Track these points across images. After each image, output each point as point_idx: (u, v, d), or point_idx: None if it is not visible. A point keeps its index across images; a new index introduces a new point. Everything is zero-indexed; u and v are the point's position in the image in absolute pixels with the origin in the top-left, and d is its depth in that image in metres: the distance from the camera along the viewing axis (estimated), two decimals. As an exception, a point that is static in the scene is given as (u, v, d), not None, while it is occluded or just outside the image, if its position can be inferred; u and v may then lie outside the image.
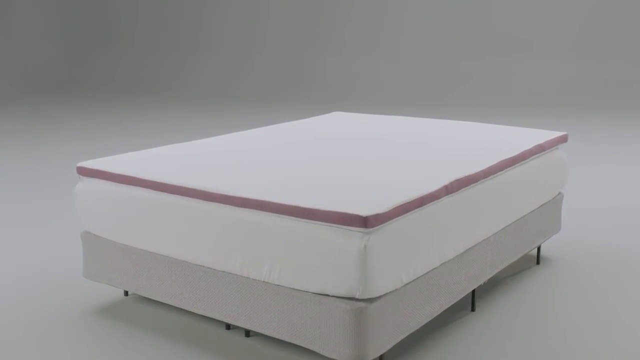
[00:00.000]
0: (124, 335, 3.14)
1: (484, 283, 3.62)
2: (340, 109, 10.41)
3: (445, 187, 2.83)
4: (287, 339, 2.68)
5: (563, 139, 3.82)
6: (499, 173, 3.23)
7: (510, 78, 11.11)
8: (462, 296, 3.05)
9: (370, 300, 2.51)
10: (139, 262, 3.11)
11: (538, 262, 3.92)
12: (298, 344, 2.65)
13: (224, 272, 2.82)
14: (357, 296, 2.47)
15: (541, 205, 3.71)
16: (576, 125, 8.63)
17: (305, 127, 4.16)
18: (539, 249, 3.90)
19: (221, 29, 13.23)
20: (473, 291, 3.28)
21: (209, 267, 2.86)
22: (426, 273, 2.78)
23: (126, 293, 3.55)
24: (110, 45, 14.39)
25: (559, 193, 3.92)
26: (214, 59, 13.19)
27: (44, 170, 6.62)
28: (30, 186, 5.99)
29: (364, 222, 2.41)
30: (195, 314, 3.31)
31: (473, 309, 3.31)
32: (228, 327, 3.15)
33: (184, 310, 3.36)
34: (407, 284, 2.67)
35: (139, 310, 3.39)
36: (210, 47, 13.31)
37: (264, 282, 2.70)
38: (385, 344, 2.59)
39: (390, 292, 2.58)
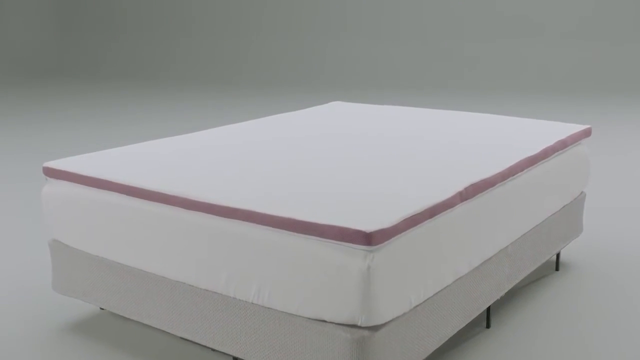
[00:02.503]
0: (98, 355, 2.80)
1: (501, 297, 3.29)
2: (340, 95, 10.03)
3: (460, 193, 2.48)
4: (279, 370, 2.35)
5: (586, 133, 3.47)
6: (518, 174, 2.88)
7: (519, 62, 10.71)
8: (477, 314, 2.71)
9: (374, 328, 2.17)
10: (112, 276, 2.76)
11: (557, 269, 3.58)
12: (291, 375, 2.31)
13: (207, 290, 2.47)
14: (359, 323, 2.14)
15: (562, 207, 3.36)
16: (592, 114, 8.25)
17: (302, 120, 3.80)
18: (558, 254, 3.55)
19: (215, 12, 12.82)
20: (488, 306, 2.93)
21: (190, 285, 2.52)
22: (438, 292, 2.44)
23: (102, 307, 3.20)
24: (101, 29, 13.98)
25: (581, 193, 3.57)
26: (208, 43, 12.80)
27: (21, 162, 6.24)
28: (1, 181, 5.62)
29: (368, 239, 2.07)
30: (178, 330, 2.97)
31: (488, 326, 2.98)
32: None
33: (166, 326, 3.02)
34: (416, 307, 2.33)
35: (115, 327, 3.05)
36: (204, 31, 12.91)
37: (252, 303, 2.36)
38: (391, 377, 2.25)
39: (398, 317, 2.24)
